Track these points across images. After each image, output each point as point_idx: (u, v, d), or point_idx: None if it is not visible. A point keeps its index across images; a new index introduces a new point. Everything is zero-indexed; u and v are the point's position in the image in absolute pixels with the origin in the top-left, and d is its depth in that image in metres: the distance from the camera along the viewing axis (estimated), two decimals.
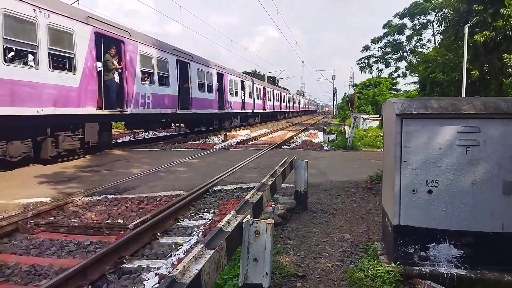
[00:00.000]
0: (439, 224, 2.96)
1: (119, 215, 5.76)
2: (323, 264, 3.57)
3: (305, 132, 24.80)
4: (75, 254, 4.40)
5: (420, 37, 34.15)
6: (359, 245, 4.04)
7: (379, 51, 36.92)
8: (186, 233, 5.07)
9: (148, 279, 3.71)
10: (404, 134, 2.97)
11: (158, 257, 4.32)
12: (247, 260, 2.50)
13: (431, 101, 3.03)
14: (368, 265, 3.15)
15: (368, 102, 39.39)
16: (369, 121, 22.73)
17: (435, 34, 31.27)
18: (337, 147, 14.74)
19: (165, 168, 9.27)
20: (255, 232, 2.48)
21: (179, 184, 7.45)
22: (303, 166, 5.56)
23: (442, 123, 2.93)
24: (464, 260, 2.94)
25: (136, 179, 8.01)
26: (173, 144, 16.20)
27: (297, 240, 4.26)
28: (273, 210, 5.02)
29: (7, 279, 3.78)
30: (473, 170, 2.90)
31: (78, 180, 8.00)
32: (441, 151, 2.93)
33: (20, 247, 4.63)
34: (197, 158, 11.22)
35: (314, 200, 6.00)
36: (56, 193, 6.80)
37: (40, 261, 4.15)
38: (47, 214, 5.66)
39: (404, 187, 2.98)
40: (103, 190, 6.92)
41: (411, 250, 3.02)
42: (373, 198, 6.14)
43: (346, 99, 56.20)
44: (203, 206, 6.22)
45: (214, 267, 2.03)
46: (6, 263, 4.08)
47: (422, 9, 31.21)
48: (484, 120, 2.89)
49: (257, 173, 8.33)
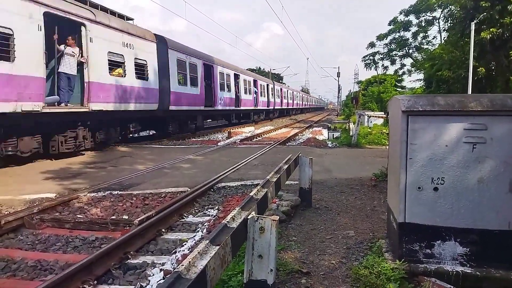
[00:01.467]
0: (444, 221, 2.95)
1: (124, 211, 5.79)
2: (328, 261, 3.57)
3: (310, 129, 24.75)
4: (80, 250, 4.42)
5: (426, 34, 33.92)
6: (363, 242, 4.03)
7: (384, 48, 36.73)
8: (190, 229, 5.09)
9: (153, 275, 3.73)
10: (410, 131, 2.95)
11: (163, 253, 4.34)
12: (251, 257, 2.50)
13: (437, 98, 3.01)
14: (373, 262, 3.14)
15: (373, 99, 39.23)
16: (374, 119, 22.66)
17: (441, 31, 31.02)
18: (342, 144, 14.70)
19: (169, 165, 9.29)
20: (260, 228, 2.48)
21: (183, 180, 7.47)
22: (307, 163, 5.55)
23: (448, 120, 2.91)
24: (469, 258, 2.93)
25: (141, 175, 8.04)
26: (177, 140, 16.23)
27: (302, 237, 4.26)
28: (277, 207, 5.02)
29: (13, 274, 3.80)
30: (479, 168, 2.88)
31: (83, 176, 8.05)
32: (447, 148, 2.91)
33: (26, 242, 4.67)
34: (201, 154, 11.24)
35: (318, 197, 5.99)
36: (61, 189, 6.85)
37: (46, 256, 4.18)
38: (53, 209, 5.70)
39: (410, 184, 2.97)
40: (108, 186, 6.95)
41: (416, 248, 3.02)
42: (378, 195, 6.13)
43: (350, 96, 56.02)
44: (208, 202, 6.23)
45: (219, 263, 2.03)
46: (13, 258, 4.11)
47: (428, 5, 30.93)
48: (491, 117, 2.87)
49: (261, 170, 8.33)
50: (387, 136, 13.58)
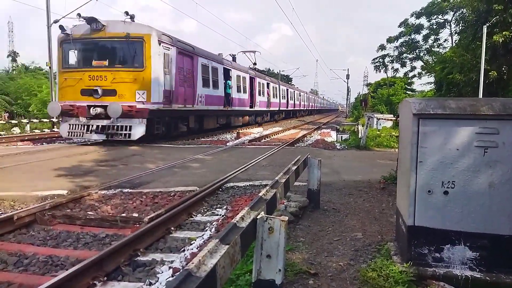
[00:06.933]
0: (454, 225, 2.94)
1: (134, 208, 5.85)
2: (336, 263, 3.57)
3: (318, 131, 24.69)
4: (91, 246, 4.49)
5: (437, 36, 33.63)
6: (371, 244, 4.02)
7: (394, 50, 36.51)
8: (199, 228, 5.12)
9: (162, 272, 3.77)
10: (420, 134, 2.95)
11: (172, 251, 4.38)
12: (260, 256, 2.52)
13: (449, 101, 3.00)
14: (381, 265, 3.14)
15: (382, 101, 38.98)
16: (383, 121, 22.51)
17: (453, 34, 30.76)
18: (350, 146, 14.65)
19: (179, 164, 9.36)
20: (269, 228, 2.50)
21: (192, 179, 7.52)
22: (316, 164, 5.56)
23: (459, 124, 2.90)
24: (479, 263, 2.91)
25: (151, 174, 8.11)
26: (187, 140, 16.32)
27: (309, 238, 4.27)
28: (285, 207, 5.03)
29: (25, 268, 3.88)
30: (490, 172, 2.87)
31: (94, 173, 8.15)
32: (458, 152, 2.90)
33: (37, 238, 4.74)
34: (210, 154, 11.29)
35: (326, 199, 5.99)
36: (73, 186, 6.94)
37: (57, 252, 4.25)
38: (64, 206, 5.78)
39: (420, 187, 2.97)
40: (119, 184, 7.03)
41: (425, 251, 3.01)
42: (387, 198, 6.10)
43: (360, 98, 55.72)
44: (216, 202, 6.27)
45: (228, 261, 2.05)
46: (25, 253, 4.19)
47: (440, 8, 30.70)
48: (503, 121, 2.85)
49: (269, 171, 8.35)
50: (396, 139, 13.50)
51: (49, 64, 22.02)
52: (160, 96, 13.49)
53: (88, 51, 13.63)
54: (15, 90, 32.91)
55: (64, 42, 13.63)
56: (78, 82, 13.13)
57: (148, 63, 13.00)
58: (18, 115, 28.61)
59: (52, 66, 22.06)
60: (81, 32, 13.32)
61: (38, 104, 28.90)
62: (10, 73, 45.89)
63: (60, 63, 13.94)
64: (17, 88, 32.77)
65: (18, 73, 41.97)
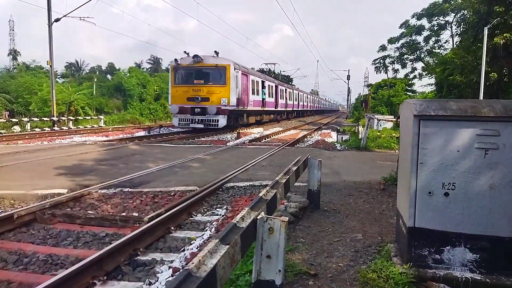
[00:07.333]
0: (455, 227, 2.94)
1: (134, 208, 5.85)
2: (335, 264, 3.57)
3: (318, 132, 24.69)
4: (91, 245, 4.49)
5: (438, 38, 33.61)
6: (371, 246, 4.02)
7: (395, 51, 36.49)
8: (199, 228, 5.12)
9: (161, 272, 3.77)
10: (421, 135, 2.95)
11: (172, 250, 4.38)
12: (260, 257, 2.52)
13: (450, 103, 3.00)
14: (381, 266, 3.14)
15: (382, 102, 38.93)
16: (383, 122, 22.46)
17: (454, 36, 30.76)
18: (351, 147, 14.64)
19: (179, 164, 9.36)
20: (269, 229, 2.50)
21: (192, 179, 7.52)
22: (316, 165, 5.55)
23: (460, 126, 2.90)
24: (479, 265, 2.91)
25: (151, 173, 8.11)
26: (187, 140, 16.34)
27: (309, 238, 4.27)
28: (285, 208, 5.03)
29: (25, 267, 3.88)
30: (491, 174, 2.87)
31: (95, 172, 8.15)
32: (459, 153, 2.90)
33: (37, 236, 4.75)
34: (211, 154, 11.30)
35: (326, 200, 5.99)
36: (73, 185, 6.94)
37: (56, 251, 4.25)
38: (64, 205, 5.78)
39: (420, 189, 2.96)
40: (119, 183, 7.03)
41: (425, 253, 3.01)
42: (387, 199, 6.10)
43: (360, 99, 55.66)
44: (216, 202, 6.27)
45: (229, 262, 2.05)
46: (24, 252, 4.19)
47: (441, 10, 30.67)
48: (504, 123, 2.85)
49: (269, 171, 8.35)
50: (397, 140, 13.49)
51: (50, 63, 22.01)
52: (234, 102, 21.17)
53: (191, 74, 21.39)
54: (15, 89, 32.87)
55: (175, 68, 21.54)
56: (185, 93, 20.96)
57: (228, 82, 20.67)
58: (19, 114, 28.58)
59: (53, 65, 22.06)
60: (187, 63, 21.18)
61: (38, 102, 28.86)
62: (10, 72, 45.89)
63: (173, 81, 21.64)
64: (18, 87, 32.72)
65: (19, 72, 41.93)
